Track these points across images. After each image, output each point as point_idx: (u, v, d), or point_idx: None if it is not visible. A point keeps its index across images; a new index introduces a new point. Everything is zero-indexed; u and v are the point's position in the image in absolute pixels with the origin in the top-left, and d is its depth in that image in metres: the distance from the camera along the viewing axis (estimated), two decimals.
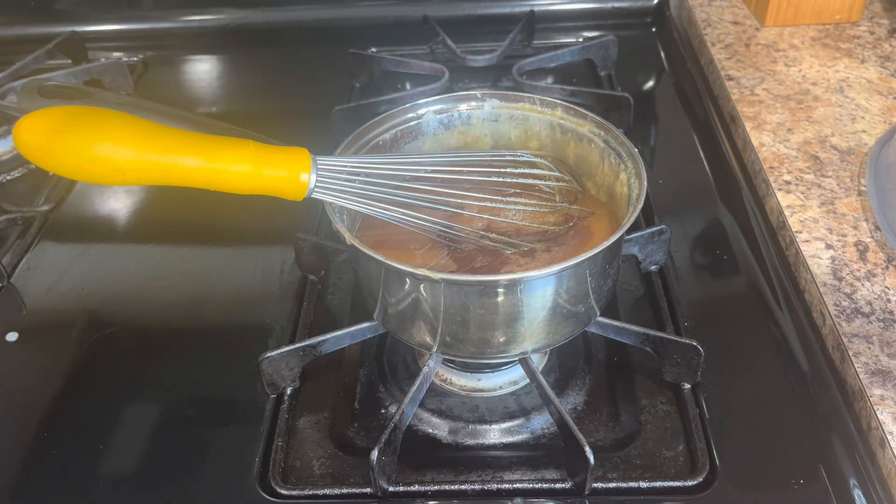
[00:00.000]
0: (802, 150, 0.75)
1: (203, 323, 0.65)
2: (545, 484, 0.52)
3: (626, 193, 0.55)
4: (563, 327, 0.52)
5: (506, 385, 0.59)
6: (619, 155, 0.57)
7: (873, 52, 0.89)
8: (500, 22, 1.01)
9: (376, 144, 0.60)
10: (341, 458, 0.54)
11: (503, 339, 0.51)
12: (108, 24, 1.05)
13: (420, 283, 0.49)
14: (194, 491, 0.52)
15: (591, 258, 0.48)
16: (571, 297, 0.51)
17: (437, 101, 0.63)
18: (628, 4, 1.04)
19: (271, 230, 0.73)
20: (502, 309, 0.49)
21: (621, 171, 0.57)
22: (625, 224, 0.49)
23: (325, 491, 0.52)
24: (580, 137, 0.60)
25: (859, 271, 0.62)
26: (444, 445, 0.55)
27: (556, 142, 0.62)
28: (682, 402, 0.56)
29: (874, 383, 0.54)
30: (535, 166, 0.58)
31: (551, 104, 0.61)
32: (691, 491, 0.51)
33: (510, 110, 0.63)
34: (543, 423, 0.56)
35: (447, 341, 0.52)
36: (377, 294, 0.53)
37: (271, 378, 0.57)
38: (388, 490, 0.51)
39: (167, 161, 0.46)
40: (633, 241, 0.64)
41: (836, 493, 0.50)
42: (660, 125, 0.87)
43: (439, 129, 0.63)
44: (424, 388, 0.55)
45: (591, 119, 0.59)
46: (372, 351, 0.63)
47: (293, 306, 0.65)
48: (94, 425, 0.57)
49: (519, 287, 0.48)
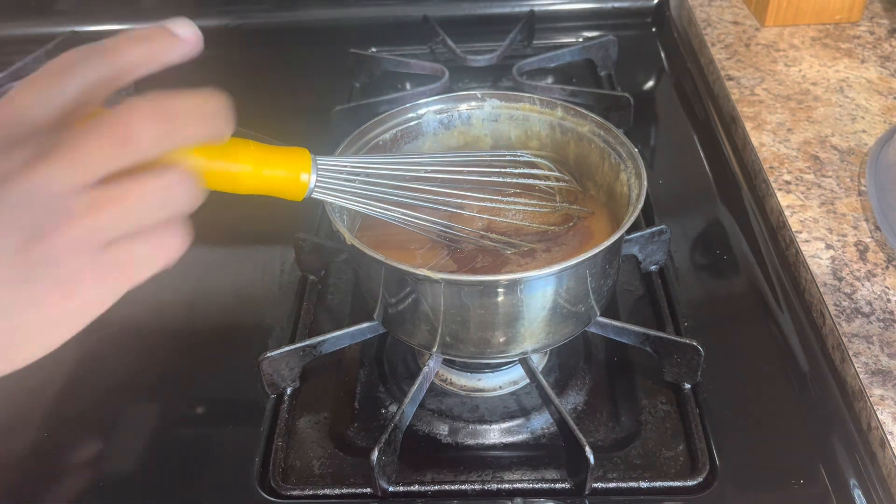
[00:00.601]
0: (802, 150, 0.75)
1: (203, 323, 0.65)
2: (545, 484, 0.52)
3: (627, 193, 0.55)
4: (563, 327, 0.52)
5: (506, 385, 0.59)
6: (620, 155, 0.57)
7: (873, 52, 0.89)
8: (500, 22, 1.01)
9: (376, 144, 0.60)
10: (341, 458, 0.54)
11: (503, 338, 0.51)
12: (107, 24, 1.05)
13: (420, 283, 0.49)
14: (194, 491, 0.52)
15: (591, 258, 0.48)
16: (572, 297, 0.51)
17: (437, 101, 0.63)
18: (628, 4, 1.04)
19: (271, 230, 0.73)
20: (502, 309, 0.49)
21: (621, 170, 0.57)
22: (625, 224, 0.49)
23: (325, 491, 0.52)
24: (580, 137, 0.60)
25: (859, 271, 0.62)
26: (444, 445, 0.55)
27: (557, 142, 0.62)
28: (682, 402, 0.56)
29: (874, 383, 0.54)
30: (534, 166, 0.58)
31: (551, 104, 0.61)
32: (691, 491, 0.51)
33: (510, 110, 0.63)
34: (543, 423, 0.56)
35: (447, 341, 0.52)
36: (377, 294, 0.53)
37: (271, 378, 0.57)
38: (388, 490, 0.51)
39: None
40: (633, 241, 0.64)
41: (836, 493, 0.50)
42: (660, 125, 0.87)
43: (439, 129, 0.63)
44: (424, 388, 0.55)
45: (591, 119, 0.59)
46: (372, 351, 0.63)
47: (293, 306, 0.65)
48: (94, 425, 0.57)
49: (519, 287, 0.48)
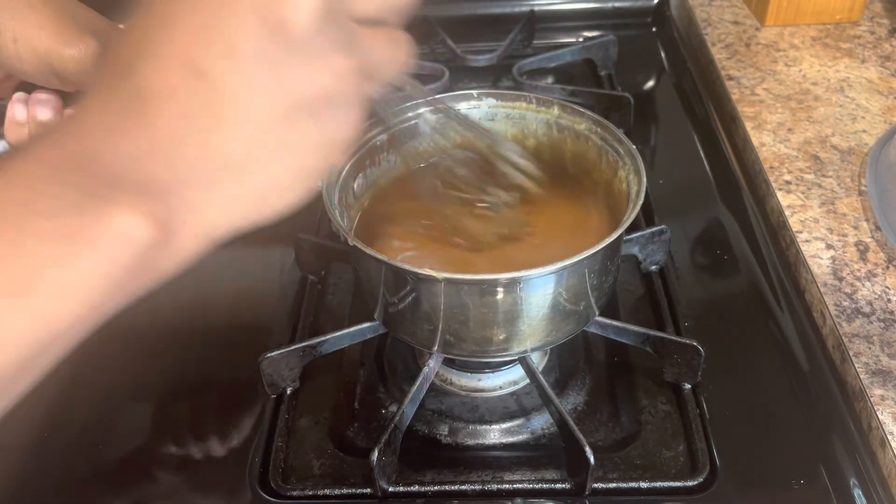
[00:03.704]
0: (803, 150, 0.75)
1: (203, 323, 0.65)
2: (545, 484, 0.52)
3: (625, 190, 0.55)
4: (563, 325, 0.52)
5: (506, 385, 0.59)
6: (617, 152, 0.57)
7: (874, 52, 0.89)
8: (500, 22, 1.01)
9: (374, 145, 0.60)
10: (341, 458, 0.54)
11: (504, 336, 0.51)
12: None
13: (421, 283, 0.49)
14: (194, 491, 0.52)
15: (591, 256, 0.48)
16: (572, 295, 0.50)
17: (434, 100, 0.63)
18: (628, 4, 1.04)
19: (271, 230, 0.72)
20: (503, 307, 0.49)
21: (619, 168, 0.57)
22: (625, 221, 0.49)
23: (325, 491, 0.52)
24: (577, 135, 0.60)
25: (860, 271, 0.62)
26: (444, 445, 0.55)
27: (553, 140, 0.62)
28: (682, 402, 0.56)
29: (874, 383, 0.54)
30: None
31: (547, 102, 0.61)
32: (691, 491, 0.51)
33: (507, 109, 0.63)
34: (543, 423, 0.56)
35: (448, 340, 0.52)
36: (377, 294, 0.53)
37: (271, 378, 0.57)
38: (388, 490, 0.51)
39: None
40: (633, 241, 0.64)
41: (836, 493, 0.50)
42: (660, 125, 0.87)
43: (436, 129, 0.63)
44: (424, 388, 0.55)
45: (587, 117, 0.59)
46: (372, 351, 0.62)
47: (293, 306, 0.65)
48: (93, 425, 0.57)
49: (519, 285, 0.48)
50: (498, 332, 0.51)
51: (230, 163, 0.29)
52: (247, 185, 0.30)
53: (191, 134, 0.28)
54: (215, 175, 0.29)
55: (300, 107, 0.29)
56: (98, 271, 0.27)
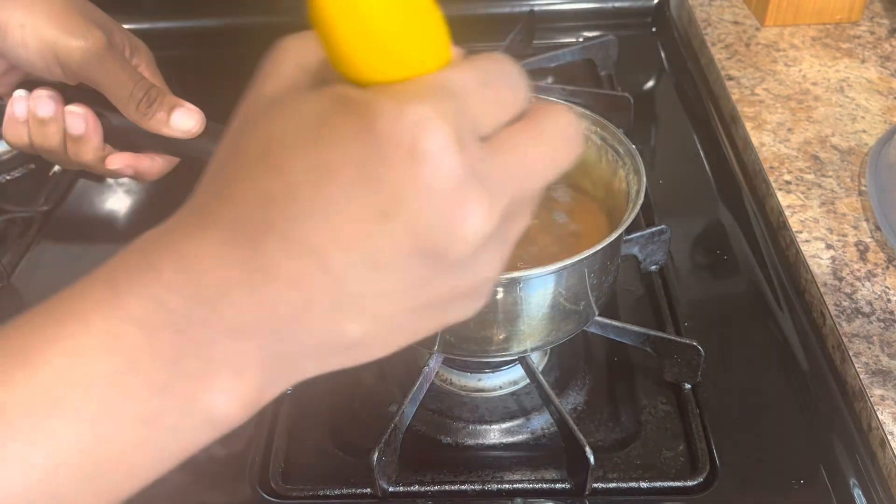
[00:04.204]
0: (803, 150, 0.75)
1: None
2: (545, 484, 0.52)
3: (625, 190, 0.55)
4: (563, 325, 0.52)
5: (506, 385, 0.59)
6: (617, 152, 0.57)
7: (874, 52, 0.89)
8: (499, 22, 1.01)
9: None
10: (341, 458, 0.54)
11: (503, 336, 0.51)
12: None
13: None
14: (194, 491, 0.52)
15: (590, 256, 0.48)
16: (572, 295, 0.51)
17: None
18: (628, 4, 1.04)
19: None
20: (503, 307, 0.49)
21: (619, 167, 0.57)
22: (625, 220, 0.49)
23: (325, 491, 0.52)
24: None
25: (859, 271, 0.62)
26: (444, 445, 0.55)
27: None
28: (682, 402, 0.56)
29: (874, 383, 0.54)
30: None
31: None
32: (691, 491, 0.51)
33: None
34: (543, 423, 0.56)
35: (448, 340, 0.52)
36: None
37: None
38: (388, 490, 0.51)
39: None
40: (633, 241, 0.64)
41: (836, 494, 0.50)
42: (660, 125, 0.87)
43: None
44: (424, 388, 0.55)
45: (587, 116, 0.59)
46: None
47: None
48: None
49: (519, 285, 0.48)
50: (498, 331, 0.51)
51: (340, 345, 0.27)
52: (354, 359, 0.28)
53: (310, 321, 0.26)
54: (319, 353, 0.28)
55: (431, 305, 0.27)
56: (174, 452, 0.28)
